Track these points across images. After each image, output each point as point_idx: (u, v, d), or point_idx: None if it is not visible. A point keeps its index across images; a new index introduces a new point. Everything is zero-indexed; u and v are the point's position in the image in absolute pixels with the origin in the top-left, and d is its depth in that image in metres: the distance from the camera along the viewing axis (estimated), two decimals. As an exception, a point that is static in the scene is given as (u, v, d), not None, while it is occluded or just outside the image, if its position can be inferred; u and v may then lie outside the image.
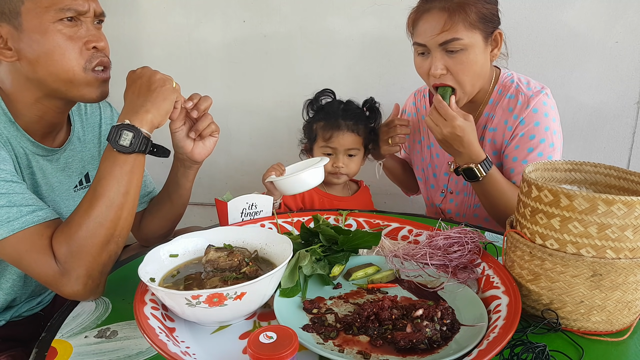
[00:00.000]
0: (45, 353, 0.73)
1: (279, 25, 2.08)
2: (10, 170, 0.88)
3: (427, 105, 1.50)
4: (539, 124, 1.25)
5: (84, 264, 0.83)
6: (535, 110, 1.26)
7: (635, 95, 1.84)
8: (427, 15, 1.19)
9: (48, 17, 0.88)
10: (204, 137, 1.12)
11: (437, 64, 1.19)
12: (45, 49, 0.89)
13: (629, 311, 0.77)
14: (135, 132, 0.86)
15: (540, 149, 1.25)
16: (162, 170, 1.29)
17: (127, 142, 0.85)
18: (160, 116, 0.90)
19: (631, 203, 0.70)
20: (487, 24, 1.19)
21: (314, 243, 0.99)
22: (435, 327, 0.73)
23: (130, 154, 0.87)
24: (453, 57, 1.19)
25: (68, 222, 0.85)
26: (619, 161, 1.93)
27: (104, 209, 0.84)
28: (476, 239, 0.95)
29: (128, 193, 0.87)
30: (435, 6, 1.18)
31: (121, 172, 0.86)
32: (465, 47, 1.17)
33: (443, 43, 1.17)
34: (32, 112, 0.97)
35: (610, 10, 1.78)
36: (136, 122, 0.87)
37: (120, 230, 0.87)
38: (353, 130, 1.46)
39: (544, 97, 1.27)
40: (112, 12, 0.98)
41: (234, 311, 0.75)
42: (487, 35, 1.20)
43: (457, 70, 1.19)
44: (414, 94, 1.57)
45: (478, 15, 1.17)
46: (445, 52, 1.19)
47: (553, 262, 0.76)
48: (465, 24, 1.16)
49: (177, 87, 0.97)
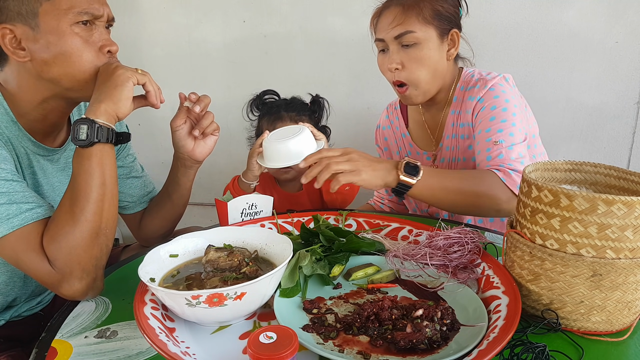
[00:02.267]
0: (45, 353, 0.73)
1: (279, 25, 2.08)
2: (11, 169, 0.88)
3: (399, 117, 1.54)
4: (498, 97, 1.25)
5: (77, 261, 0.84)
6: (493, 89, 1.27)
7: (635, 95, 1.84)
8: (385, 12, 1.27)
9: (66, 19, 0.89)
10: (206, 135, 1.13)
11: (393, 57, 1.25)
12: (63, 50, 0.90)
13: (629, 311, 0.77)
14: (89, 124, 0.87)
15: (503, 117, 1.22)
16: (162, 171, 1.30)
17: (83, 136, 0.86)
18: (114, 104, 0.90)
19: (631, 203, 0.70)
20: (442, 22, 1.24)
21: (314, 243, 1.00)
22: (435, 327, 0.73)
23: (90, 146, 0.87)
24: (407, 52, 1.24)
25: (54, 223, 0.85)
26: (619, 161, 1.93)
27: (85, 204, 0.85)
28: (476, 239, 0.95)
29: (104, 184, 0.88)
30: (392, 3, 1.26)
31: (91, 165, 0.87)
32: (419, 41, 1.23)
33: (398, 36, 1.23)
34: (37, 112, 0.98)
35: (610, 10, 1.78)
36: (90, 114, 0.88)
37: (106, 221, 0.88)
38: (296, 120, 1.48)
39: (501, 79, 1.29)
40: (112, 12, 0.99)
41: (234, 311, 0.75)
42: (442, 32, 1.25)
43: (411, 65, 1.25)
44: (387, 107, 1.61)
45: (433, 11, 1.22)
46: (400, 46, 1.24)
47: (553, 262, 0.76)
48: (419, 19, 1.22)
49: (143, 72, 0.96)
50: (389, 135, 1.58)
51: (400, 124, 1.53)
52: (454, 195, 1.11)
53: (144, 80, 0.95)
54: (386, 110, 1.60)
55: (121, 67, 0.93)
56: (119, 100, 0.90)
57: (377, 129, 1.63)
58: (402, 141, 1.54)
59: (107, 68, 0.93)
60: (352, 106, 2.11)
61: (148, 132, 2.23)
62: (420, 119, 1.48)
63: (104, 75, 0.92)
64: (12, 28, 0.89)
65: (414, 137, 1.51)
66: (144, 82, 0.96)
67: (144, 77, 0.96)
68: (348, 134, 2.12)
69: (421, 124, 1.48)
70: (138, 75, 0.94)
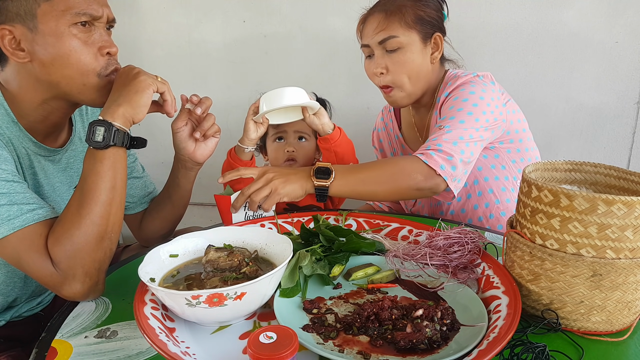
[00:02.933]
0: (45, 353, 0.73)
1: (279, 25, 2.08)
2: (12, 170, 0.88)
3: (393, 119, 1.56)
4: (463, 90, 1.25)
5: (80, 264, 0.83)
6: (462, 85, 1.27)
7: (635, 95, 1.84)
8: (369, 18, 1.30)
9: (64, 20, 0.89)
10: (207, 137, 1.13)
11: (378, 61, 1.29)
12: (62, 52, 0.89)
13: (629, 311, 0.77)
14: (106, 127, 0.86)
15: (460, 105, 1.21)
16: (162, 171, 1.30)
17: (100, 138, 0.86)
18: (132, 109, 0.90)
19: (631, 203, 0.70)
20: (425, 26, 1.27)
21: (314, 243, 1.00)
22: (435, 327, 0.73)
23: (105, 148, 0.87)
24: (391, 57, 1.27)
25: (60, 224, 0.85)
26: (619, 161, 1.93)
27: (93, 206, 0.85)
28: (476, 239, 0.95)
29: (115, 188, 0.88)
30: (377, 9, 1.29)
31: (103, 168, 0.87)
32: (402, 46, 1.26)
33: (382, 41, 1.26)
34: (38, 112, 0.98)
35: (610, 10, 1.78)
36: (108, 116, 0.87)
37: (112, 225, 0.88)
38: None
39: (474, 78, 1.29)
40: (112, 12, 0.98)
41: (234, 311, 0.75)
42: (424, 36, 1.28)
43: (395, 69, 1.28)
44: (382, 110, 1.63)
45: (415, 16, 1.26)
46: (385, 51, 1.27)
47: (553, 262, 0.76)
48: (402, 23, 1.25)
49: (163, 81, 0.96)
50: (383, 137, 1.61)
51: (394, 125, 1.56)
52: (372, 185, 1.15)
53: (163, 88, 0.96)
54: (381, 113, 1.63)
55: (143, 73, 0.93)
56: (138, 106, 0.91)
57: (373, 131, 1.66)
58: (396, 143, 1.56)
59: (129, 72, 0.93)
60: (351, 106, 2.11)
61: (148, 132, 2.22)
62: (411, 120, 1.51)
63: (124, 79, 0.92)
64: (11, 29, 0.88)
65: (406, 138, 1.53)
66: (164, 90, 0.96)
67: (164, 86, 0.96)
68: (348, 134, 2.12)
69: (412, 126, 1.51)
70: (159, 83, 0.94)
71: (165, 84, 0.96)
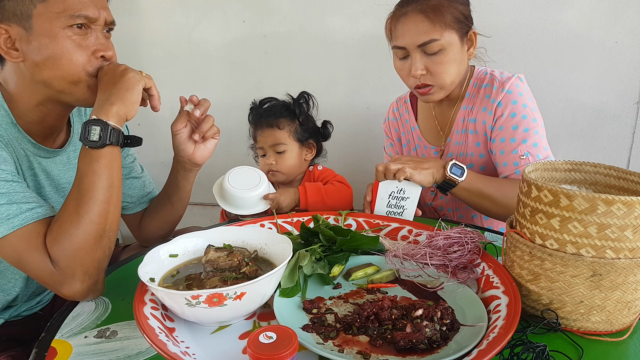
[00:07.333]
0: (45, 353, 0.73)
1: (279, 25, 2.08)
2: (11, 170, 0.88)
3: (409, 110, 1.55)
4: (516, 102, 1.29)
5: (79, 263, 0.83)
6: (510, 91, 1.30)
7: (635, 95, 1.84)
8: (404, 19, 1.24)
9: (59, 22, 0.89)
10: (206, 139, 1.13)
11: (417, 65, 1.25)
12: (54, 53, 0.89)
13: (628, 311, 0.77)
14: (102, 126, 0.86)
15: (524, 125, 1.27)
16: (162, 171, 1.30)
17: (95, 137, 0.86)
18: (125, 107, 0.90)
19: (631, 203, 0.70)
20: (462, 24, 1.25)
21: (313, 243, 1.00)
22: (435, 327, 0.73)
23: (101, 148, 0.87)
24: (432, 58, 1.24)
25: (58, 223, 0.85)
26: (619, 161, 1.93)
27: (91, 205, 0.85)
28: (476, 239, 0.95)
29: (112, 186, 0.88)
30: (412, 9, 1.23)
31: (100, 167, 0.87)
32: (443, 47, 1.23)
33: (422, 45, 1.22)
34: (34, 114, 0.98)
35: (610, 10, 1.78)
36: (102, 115, 0.87)
37: (111, 224, 0.88)
38: (272, 125, 1.51)
39: (517, 80, 1.32)
40: (112, 12, 0.98)
41: (234, 311, 0.75)
42: (462, 34, 1.26)
43: (436, 70, 1.25)
44: (396, 100, 1.62)
45: (453, 16, 1.23)
46: (424, 53, 1.24)
47: (553, 262, 0.76)
48: (442, 25, 1.21)
49: (148, 76, 0.96)
50: (399, 127, 1.59)
51: (410, 117, 1.54)
52: (488, 202, 1.22)
53: (150, 84, 0.96)
54: (395, 104, 1.61)
55: (130, 69, 0.93)
56: (131, 103, 0.90)
57: (386, 122, 1.64)
58: (411, 134, 1.54)
59: (115, 69, 0.92)
60: (351, 106, 2.11)
61: (148, 132, 2.22)
62: (430, 113, 1.49)
63: (112, 76, 0.91)
64: (8, 28, 0.88)
65: (422, 131, 1.51)
66: (150, 85, 0.96)
67: (150, 81, 0.96)
68: (347, 134, 2.12)
69: (431, 119, 1.49)
70: (145, 78, 0.94)
71: (150, 79, 0.96)
